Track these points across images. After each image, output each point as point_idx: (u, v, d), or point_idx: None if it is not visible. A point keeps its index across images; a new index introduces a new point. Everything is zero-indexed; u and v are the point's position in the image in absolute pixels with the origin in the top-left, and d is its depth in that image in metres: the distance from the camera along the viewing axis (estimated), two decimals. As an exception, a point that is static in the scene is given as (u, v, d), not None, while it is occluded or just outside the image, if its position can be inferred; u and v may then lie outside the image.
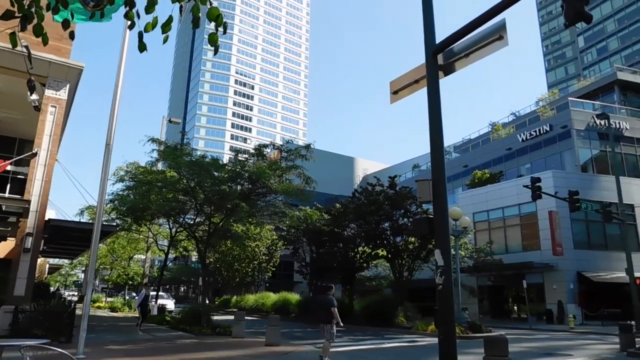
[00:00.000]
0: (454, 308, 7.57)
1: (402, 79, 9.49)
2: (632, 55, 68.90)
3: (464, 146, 56.82)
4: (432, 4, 8.76)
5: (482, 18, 7.92)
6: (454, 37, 8.31)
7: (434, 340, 9.72)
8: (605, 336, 21.57)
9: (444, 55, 8.58)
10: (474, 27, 8.04)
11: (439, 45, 8.45)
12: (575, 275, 32.53)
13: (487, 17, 7.87)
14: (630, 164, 39.89)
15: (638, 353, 14.14)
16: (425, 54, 8.49)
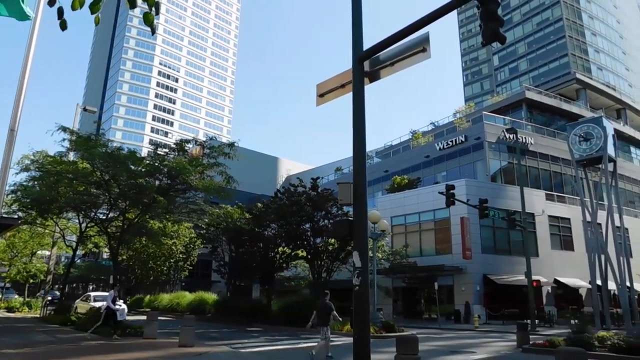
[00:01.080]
0: (369, 308, 7.79)
1: (329, 82, 9.62)
2: (539, 76, 74.76)
3: (385, 152, 58.65)
4: (362, 12, 8.97)
5: (408, 30, 8.23)
6: (380, 45, 8.56)
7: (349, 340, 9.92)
8: (505, 334, 23.18)
9: (370, 62, 8.81)
10: (400, 37, 8.34)
11: (366, 52, 8.67)
12: (482, 278, 34.71)
13: (412, 30, 8.20)
14: (533, 176, 43.24)
15: (531, 349, 15.35)
16: (352, 60, 8.67)
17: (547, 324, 31.37)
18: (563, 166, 44.80)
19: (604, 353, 13.49)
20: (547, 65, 74.52)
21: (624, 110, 65.58)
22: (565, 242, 41.01)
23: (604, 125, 31.18)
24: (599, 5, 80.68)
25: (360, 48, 8.70)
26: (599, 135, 30.76)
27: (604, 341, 14.04)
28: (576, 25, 74.43)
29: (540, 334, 22.56)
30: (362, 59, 8.65)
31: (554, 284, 38.04)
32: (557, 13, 74.29)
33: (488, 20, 7.55)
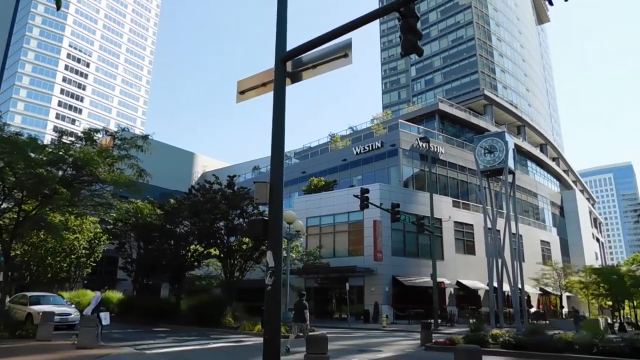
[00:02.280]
0: (281, 308, 7.80)
1: (250, 80, 9.53)
2: (451, 90, 79.26)
3: (304, 153, 59.13)
4: (287, 13, 8.97)
5: (331, 35, 8.37)
6: (303, 47, 8.62)
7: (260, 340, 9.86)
8: (410, 333, 24.25)
9: (293, 63, 8.85)
10: (323, 41, 8.45)
11: (289, 53, 8.69)
12: (391, 279, 36.07)
13: (335, 35, 8.34)
14: (442, 183, 45.74)
15: (433, 347, 16.21)
16: (275, 59, 8.66)
17: (448, 323, 33.22)
18: (469, 175, 47.78)
19: (496, 349, 14.57)
20: (460, 80, 79.20)
21: (523, 127, 71.34)
22: (468, 246, 43.79)
23: (506, 139, 33.68)
24: (507, 30, 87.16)
25: (283, 48, 8.71)
26: (502, 148, 33.17)
27: (497, 338, 15.16)
28: (486, 45, 79.82)
29: (442, 332, 23.87)
30: (284, 59, 8.66)
31: (456, 285, 40.45)
32: (470, 32, 79.21)
33: (408, 32, 7.89)
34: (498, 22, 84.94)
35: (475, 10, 79.61)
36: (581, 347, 13.29)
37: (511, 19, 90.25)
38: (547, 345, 13.77)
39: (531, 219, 57.48)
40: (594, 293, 48.73)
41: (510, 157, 33.55)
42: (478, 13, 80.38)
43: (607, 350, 12.61)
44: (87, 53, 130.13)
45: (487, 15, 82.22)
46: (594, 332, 14.15)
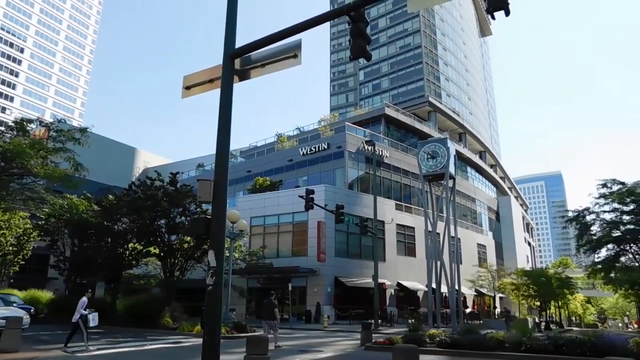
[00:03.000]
0: (221, 309, 7.68)
1: (197, 75, 9.34)
2: (398, 95, 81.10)
3: (250, 152, 58.61)
4: (237, 9, 8.86)
5: (281, 34, 8.34)
6: (253, 45, 8.55)
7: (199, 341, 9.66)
8: (351, 333, 24.55)
9: (241, 61, 8.75)
10: (273, 40, 8.42)
11: (238, 50, 8.59)
12: (333, 280, 36.40)
13: (286, 35, 8.33)
14: (386, 186, 46.70)
15: (373, 347, 16.50)
16: (224, 56, 8.53)
17: (388, 323, 33.94)
18: (412, 179, 49.08)
19: (433, 349, 15.04)
20: (406, 86, 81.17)
21: (464, 135, 74.17)
22: (409, 248, 44.95)
23: (448, 146, 34.87)
24: (452, 40, 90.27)
25: (232, 45, 8.60)
26: (444, 154, 34.31)
27: (434, 338, 15.66)
28: (432, 54, 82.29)
29: (382, 332, 24.34)
30: (233, 56, 8.55)
31: (397, 286, 41.41)
32: (417, 40, 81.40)
33: (357, 37, 8.00)
34: (444, 32, 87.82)
35: (423, 20, 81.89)
36: (511, 345, 13.97)
37: (456, 30, 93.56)
38: (480, 344, 14.37)
39: (469, 223, 59.81)
40: (524, 294, 51.40)
41: (451, 163, 34.74)
42: (425, 22, 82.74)
43: (534, 348, 13.33)
44: (21, 37, 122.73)
45: (434, 25, 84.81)
46: (523, 331, 14.90)
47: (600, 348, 12.32)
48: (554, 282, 50.95)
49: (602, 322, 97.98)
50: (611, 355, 10.71)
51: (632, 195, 33.20)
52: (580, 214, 36.49)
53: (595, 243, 35.70)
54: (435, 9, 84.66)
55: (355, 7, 7.97)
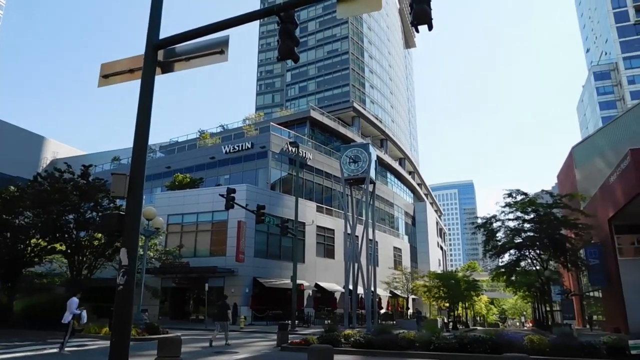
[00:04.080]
0: (132, 309, 7.35)
1: (117, 64, 8.90)
2: (323, 99, 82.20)
3: (170, 147, 56.69)
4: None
5: (209, 29, 8.17)
6: (178, 37, 8.29)
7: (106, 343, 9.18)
8: (267, 334, 24.46)
9: (165, 52, 8.45)
10: (200, 34, 8.22)
11: (162, 41, 8.30)
12: (252, 281, 36.09)
13: (213, 29, 8.16)
14: (308, 188, 47.08)
15: (289, 347, 16.56)
16: (146, 46, 8.19)
17: (305, 324, 34.20)
18: (334, 182, 49.88)
19: (348, 349, 15.37)
20: (332, 90, 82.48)
21: (386, 141, 76.65)
22: (328, 250, 45.63)
23: (370, 151, 35.80)
24: (378, 49, 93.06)
25: (156, 35, 8.28)
26: (365, 159, 35.18)
27: (348, 338, 16.01)
28: (359, 61, 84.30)
29: (299, 333, 24.47)
30: (157, 47, 8.23)
31: (315, 287, 41.86)
32: (345, 46, 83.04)
33: (286, 38, 8.02)
34: (371, 40, 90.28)
35: (351, 27, 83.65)
36: (421, 344, 14.63)
37: (382, 40, 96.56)
38: (392, 343, 14.91)
39: (387, 227, 61.85)
40: (435, 296, 54.07)
41: (372, 168, 35.70)
42: (354, 29, 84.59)
43: (442, 347, 14.07)
44: None
45: (361, 33, 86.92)
46: (432, 331, 15.66)
47: (499, 346, 13.25)
48: (462, 285, 54.11)
49: (502, 321, 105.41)
50: (509, 352, 11.57)
51: (533, 205, 36.02)
52: (488, 221, 39.00)
53: (500, 248, 38.32)
54: (364, 18, 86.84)
55: (285, 8, 7.99)
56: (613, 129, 40.99)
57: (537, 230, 35.72)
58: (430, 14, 7.25)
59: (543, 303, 45.31)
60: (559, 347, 12.96)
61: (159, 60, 8.31)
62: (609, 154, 37.85)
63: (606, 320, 36.77)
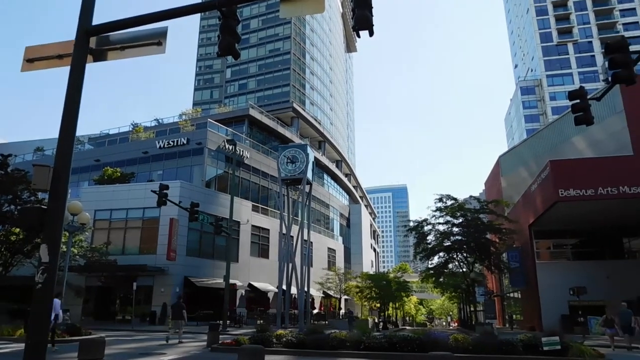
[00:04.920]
0: (51, 310, 6.93)
1: (44, 49, 8.37)
2: (263, 97, 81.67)
3: (100, 139, 54.16)
4: (96, -19, 8.13)
5: (146, 18, 7.88)
6: (113, 25, 7.93)
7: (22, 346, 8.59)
8: (198, 335, 23.94)
9: (99, 40, 8.06)
10: (137, 23, 7.91)
11: (95, 27, 7.90)
12: (183, 280, 35.15)
13: (152, 19, 7.89)
14: (245, 187, 46.54)
15: (219, 348, 16.28)
16: (77, 31, 7.77)
17: (237, 324, 33.76)
18: (270, 182, 49.65)
19: (279, 349, 15.33)
20: (272, 90, 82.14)
21: (324, 143, 77.31)
22: (262, 250, 45.33)
23: (308, 152, 35.98)
24: (319, 51, 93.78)
25: (88, 21, 7.85)
26: (303, 160, 35.31)
27: (280, 338, 15.97)
28: (300, 62, 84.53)
29: (230, 333, 24.13)
30: (89, 33, 7.81)
31: (248, 287, 41.44)
32: (287, 47, 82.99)
33: (226, 33, 7.86)
34: (313, 42, 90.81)
35: (294, 27, 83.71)
36: (352, 344, 14.87)
37: (325, 42, 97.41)
38: (324, 343, 15.04)
39: (322, 228, 62.38)
40: (367, 296, 55.19)
41: (309, 169, 35.90)
42: (296, 30, 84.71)
43: (372, 346, 14.39)
44: None
45: (304, 34, 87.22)
46: (363, 331, 15.97)
47: (426, 344, 13.73)
48: (393, 286, 55.62)
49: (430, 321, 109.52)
50: (434, 351, 12.03)
51: (462, 210, 37.71)
52: (420, 224, 40.38)
53: (430, 251, 39.79)
54: (307, 19, 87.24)
55: (228, 3, 7.85)
56: (536, 141, 43.75)
57: (464, 234, 37.41)
58: (371, 20, 7.39)
59: (468, 303, 47.48)
60: (481, 345, 13.62)
61: (90, 48, 7.89)
62: (532, 164, 40.37)
63: (524, 320, 39.15)
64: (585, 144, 35.39)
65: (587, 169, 28.28)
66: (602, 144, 33.14)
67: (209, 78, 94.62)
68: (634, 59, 11.06)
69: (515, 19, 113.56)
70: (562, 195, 27.01)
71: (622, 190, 26.41)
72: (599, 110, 29.08)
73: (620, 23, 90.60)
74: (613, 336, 19.36)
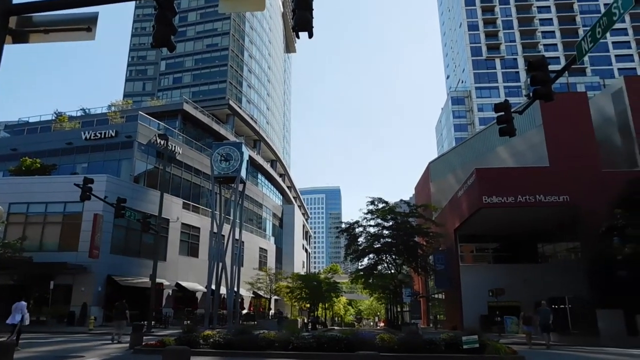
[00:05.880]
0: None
1: (-45, 25, 7.66)
2: (199, 93, 79.65)
3: (18, 127, 50.61)
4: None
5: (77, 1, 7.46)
6: (37, 5, 7.44)
7: None
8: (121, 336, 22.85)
9: (19, 20, 7.52)
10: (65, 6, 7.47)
11: (16, 6, 7.37)
12: (106, 279, 33.55)
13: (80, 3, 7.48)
14: (176, 184, 45.18)
15: (143, 350, 15.67)
16: (-4, 9, 7.19)
17: (163, 325, 32.72)
18: (203, 179, 48.59)
19: (206, 350, 15.00)
20: (208, 85, 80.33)
21: (259, 142, 76.79)
22: (192, 249, 44.24)
23: (243, 151, 35.61)
24: (258, 49, 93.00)
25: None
26: (237, 158, 34.89)
27: (208, 339, 15.63)
28: (238, 59, 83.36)
29: (155, 334, 23.32)
30: (8, 12, 7.26)
31: (175, 287, 40.27)
32: (226, 42, 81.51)
33: (162, 24, 7.60)
34: (252, 40, 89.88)
35: (233, 23, 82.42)
36: (280, 344, 14.85)
37: (264, 41, 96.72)
38: (252, 343, 14.90)
39: (254, 227, 61.89)
40: (297, 296, 55.39)
41: (243, 168, 35.56)
42: (235, 26, 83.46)
43: (300, 346, 14.44)
44: None
45: (243, 31, 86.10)
46: (292, 331, 16.00)
47: (354, 344, 13.99)
48: (323, 286, 56.24)
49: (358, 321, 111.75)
50: (361, 350, 12.28)
51: (392, 213, 38.80)
52: (351, 226, 41.08)
53: (360, 252, 40.59)
54: (247, 16, 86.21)
55: (164, -8, 7.59)
56: (464, 149, 45.93)
57: (394, 236, 38.51)
58: (311, 21, 7.43)
59: (395, 304, 48.91)
60: (406, 344, 14.07)
61: (10, 28, 7.34)
62: (459, 171, 42.34)
63: (447, 320, 40.91)
64: (508, 154, 37.60)
65: (509, 177, 30.12)
66: (523, 154, 35.36)
67: (142, 69, 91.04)
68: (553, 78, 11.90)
69: (449, 31, 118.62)
70: (485, 202, 28.56)
71: (539, 198, 28.37)
72: (521, 123, 31.06)
73: (542, 43, 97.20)
74: (530, 334, 20.45)
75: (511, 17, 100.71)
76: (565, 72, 13.42)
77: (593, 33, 10.58)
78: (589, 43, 10.75)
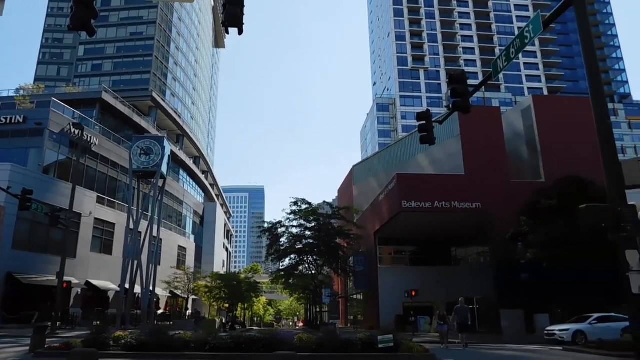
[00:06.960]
0: None
1: None
2: (120, 82, 75.79)
3: None
4: None
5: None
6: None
7: None
8: (20, 338, 21.17)
9: None
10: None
11: None
12: (5, 276, 30.98)
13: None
14: (90, 176, 42.62)
15: (45, 353, 14.62)
16: None
17: (70, 325, 30.79)
18: (120, 173, 46.30)
19: (117, 352, 14.28)
20: (130, 75, 76.72)
21: (182, 137, 74.47)
22: (105, 245, 41.99)
23: (164, 145, 34.40)
24: (186, 42, 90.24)
25: None
26: (158, 152, 33.65)
27: (119, 340, 14.90)
28: (164, 50, 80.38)
29: (61, 336, 21.85)
30: None
31: (85, 285, 38.01)
32: (152, 32, 78.27)
33: (81, 6, 7.18)
34: (180, 31, 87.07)
35: (160, 13, 79.38)
36: (196, 345, 14.48)
37: (192, 34, 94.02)
38: (167, 344, 14.40)
39: (173, 225, 59.92)
40: (216, 296, 54.30)
41: (165, 163, 34.37)
42: (163, 16, 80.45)
43: (217, 347, 14.17)
44: None
45: (171, 22, 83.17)
46: (209, 331, 15.66)
47: (272, 344, 13.96)
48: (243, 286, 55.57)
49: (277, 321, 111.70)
50: (280, 350, 12.29)
51: (315, 215, 39.25)
52: (274, 226, 41.04)
53: (282, 253, 40.67)
54: (175, 7, 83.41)
55: (86, -28, 7.17)
56: (386, 155, 47.45)
57: (316, 237, 38.97)
58: (242, 18, 7.35)
59: (315, 304, 49.42)
60: (324, 344, 14.27)
61: None
62: (381, 176, 43.66)
63: (364, 320, 42.02)
64: (427, 162, 39.35)
65: (428, 184, 31.57)
66: (441, 162, 37.17)
67: (58, 53, 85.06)
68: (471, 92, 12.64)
69: (377, 39, 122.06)
70: (405, 206, 29.71)
71: (454, 204, 29.97)
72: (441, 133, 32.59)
73: (463, 59, 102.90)
74: (445, 333, 20.78)
75: (436, 31, 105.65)
76: (482, 87, 14.29)
77: (507, 53, 11.38)
78: (503, 62, 11.55)
